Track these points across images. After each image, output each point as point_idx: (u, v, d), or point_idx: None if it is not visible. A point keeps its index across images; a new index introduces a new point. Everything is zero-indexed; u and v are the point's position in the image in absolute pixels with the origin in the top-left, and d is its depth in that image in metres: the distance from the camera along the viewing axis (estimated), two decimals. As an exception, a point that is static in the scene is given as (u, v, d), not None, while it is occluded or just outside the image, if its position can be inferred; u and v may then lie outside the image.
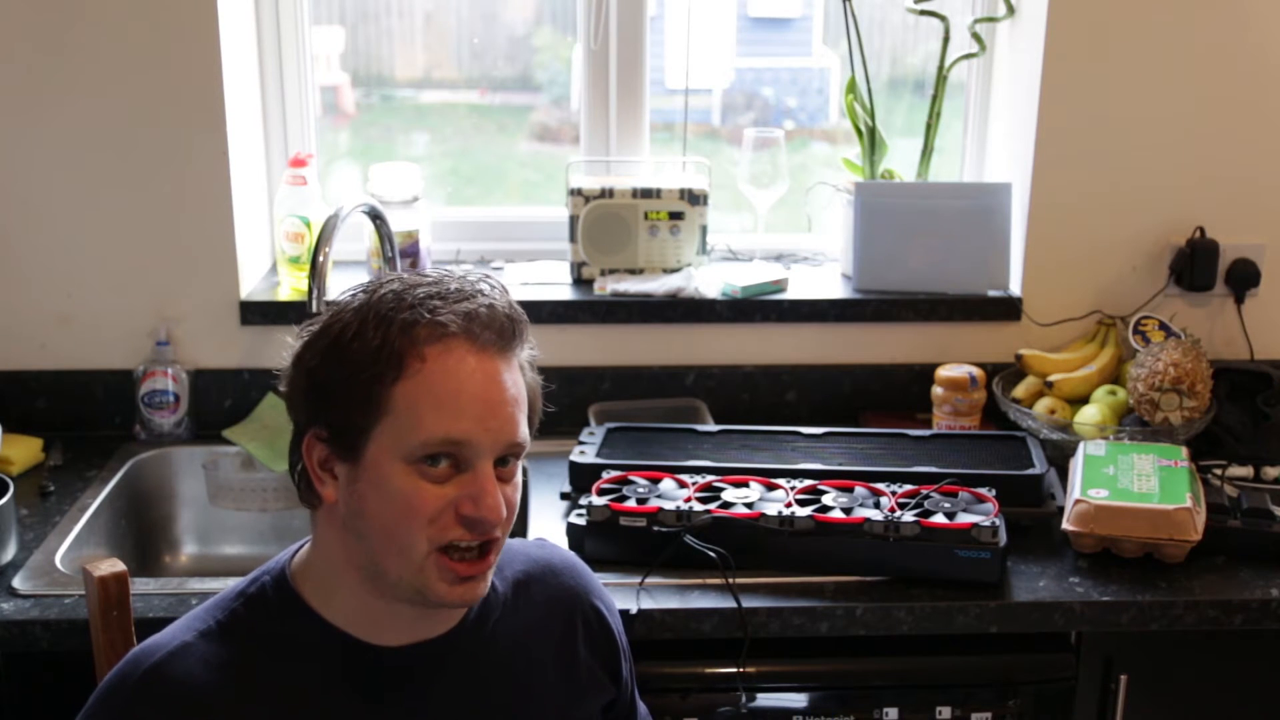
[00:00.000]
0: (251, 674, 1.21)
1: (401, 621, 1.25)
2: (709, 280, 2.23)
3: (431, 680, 1.27)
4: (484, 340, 1.19)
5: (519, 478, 1.25)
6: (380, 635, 1.25)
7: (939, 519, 1.69)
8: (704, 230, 2.27)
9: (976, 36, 2.26)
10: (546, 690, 1.34)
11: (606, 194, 2.24)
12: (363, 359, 1.17)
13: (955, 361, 2.16)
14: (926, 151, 2.30)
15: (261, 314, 2.15)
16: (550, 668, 1.35)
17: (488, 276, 1.26)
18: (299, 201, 2.20)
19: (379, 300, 1.20)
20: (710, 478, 1.81)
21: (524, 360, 1.25)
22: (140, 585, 1.65)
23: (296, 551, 1.30)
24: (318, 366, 1.20)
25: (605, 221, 2.25)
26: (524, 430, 1.23)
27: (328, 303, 1.30)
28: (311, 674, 1.23)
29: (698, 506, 1.72)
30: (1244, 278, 2.23)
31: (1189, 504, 1.72)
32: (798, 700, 1.69)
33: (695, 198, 2.25)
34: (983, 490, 1.76)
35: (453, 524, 1.18)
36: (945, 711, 1.69)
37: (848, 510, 1.72)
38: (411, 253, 2.22)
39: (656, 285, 2.20)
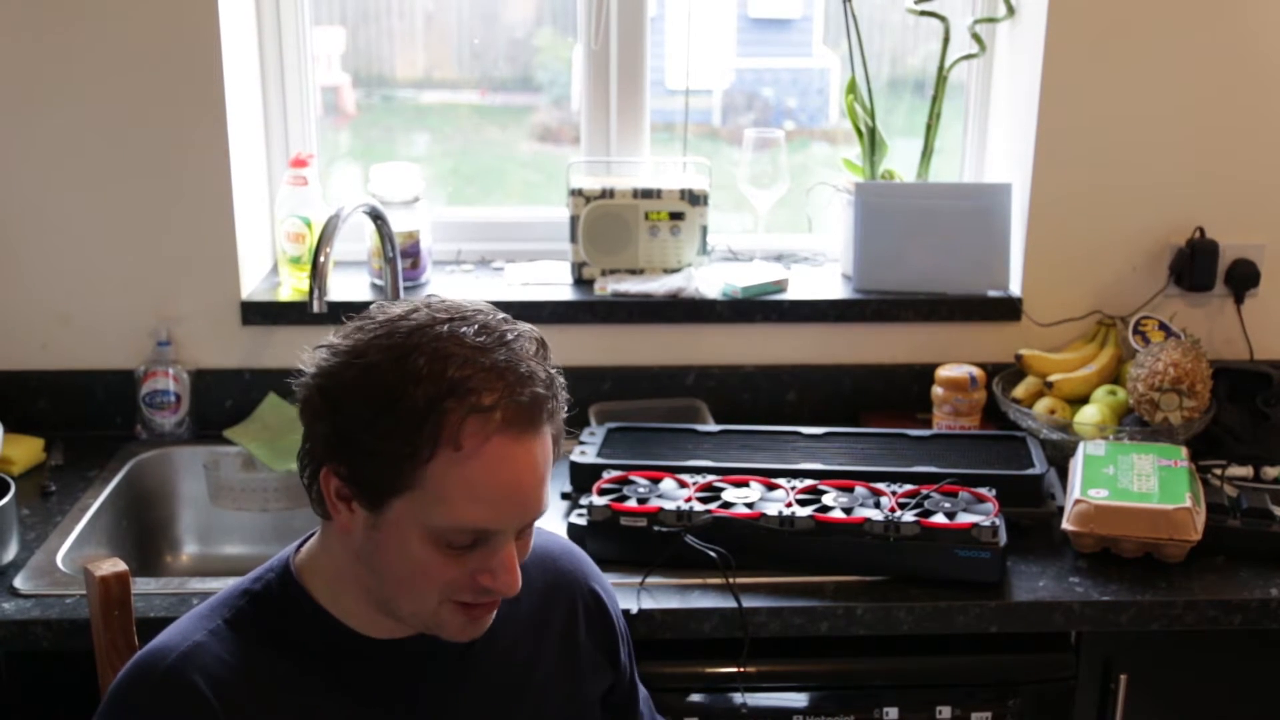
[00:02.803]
0: (262, 671, 1.21)
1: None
2: (709, 280, 2.23)
3: (435, 670, 1.27)
4: (524, 426, 1.14)
5: (533, 527, 1.24)
6: (383, 630, 1.25)
7: (939, 519, 1.69)
8: (704, 230, 2.28)
9: (976, 37, 2.26)
10: (548, 676, 1.35)
11: (607, 194, 2.25)
12: (397, 433, 1.11)
13: (955, 361, 2.16)
14: (926, 152, 2.30)
15: (262, 314, 2.16)
16: (551, 653, 1.36)
17: (529, 333, 1.19)
18: (300, 202, 2.20)
19: (414, 357, 1.12)
20: (711, 478, 1.81)
21: (557, 414, 1.20)
22: (141, 585, 1.65)
23: (300, 546, 1.30)
24: (347, 418, 1.14)
25: (606, 222, 2.25)
26: (547, 500, 1.20)
27: (355, 315, 1.21)
28: (319, 668, 1.23)
29: (698, 506, 1.72)
30: (1244, 278, 2.23)
31: (1189, 504, 1.73)
32: (798, 700, 1.69)
33: (695, 198, 2.25)
34: (983, 490, 1.77)
35: (468, 591, 1.19)
36: (945, 711, 1.69)
37: (848, 510, 1.72)
38: (412, 253, 2.22)
39: (657, 285, 2.21)
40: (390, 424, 1.11)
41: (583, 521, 1.74)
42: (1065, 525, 1.77)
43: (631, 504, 1.74)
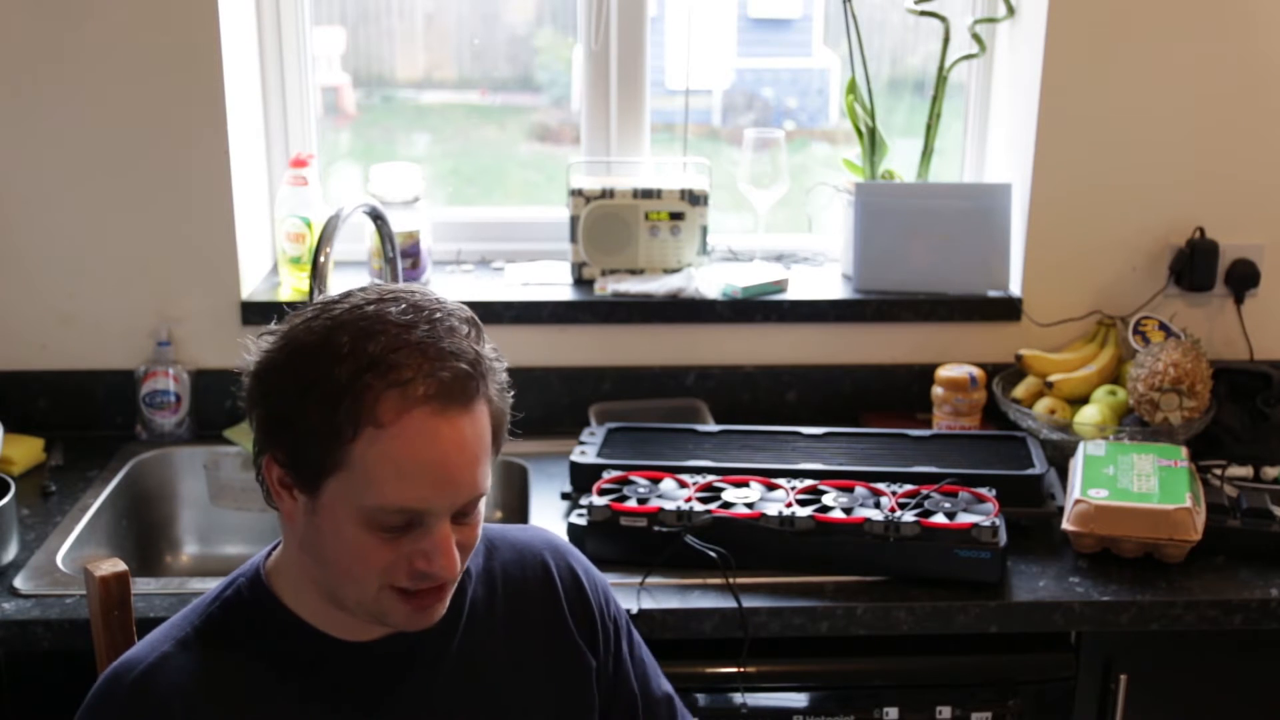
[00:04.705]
0: (231, 678, 1.20)
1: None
2: (709, 280, 2.23)
3: (411, 674, 1.26)
4: (445, 401, 1.12)
5: (480, 514, 1.21)
6: (354, 632, 1.24)
7: (939, 519, 1.69)
8: (704, 230, 2.28)
9: (976, 37, 2.26)
10: (535, 673, 1.32)
11: (607, 194, 2.25)
12: (320, 411, 1.11)
13: (955, 361, 2.16)
14: (926, 152, 2.30)
15: (263, 314, 2.14)
16: (538, 649, 1.33)
17: (458, 311, 1.18)
18: (300, 202, 2.20)
19: (338, 335, 1.13)
20: (711, 478, 1.82)
21: (491, 393, 1.18)
22: (141, 585, 1.66)
23: (271, 551, 1.29)
24: (276, 400, 1.15)
25: (606, 222, 2.25)
26: (484, 482, 1.17)
27: (290, 305, 1.23)
28: (289, 674, 1.22)
29: (698, 506, 1.72)
30: (1243, 278, 2.23)
31: (1189, 504, 1.73)
32: (798, 700, 1.69)
33: (696, 198, 2.25)
34: (983, 490, 1.77)
35: (405, 575, 1.16)
36: (945, 711, 1.69)
37: (848, 510, 1.72)
38: (412, 253, 2.22)
39: (657, 285, 2.21)
40: (314, 403, 1.11)
41: (583, 521, 1.74)
42: (1065, 525, 1.77)
43: (631, 504, 1.74)
